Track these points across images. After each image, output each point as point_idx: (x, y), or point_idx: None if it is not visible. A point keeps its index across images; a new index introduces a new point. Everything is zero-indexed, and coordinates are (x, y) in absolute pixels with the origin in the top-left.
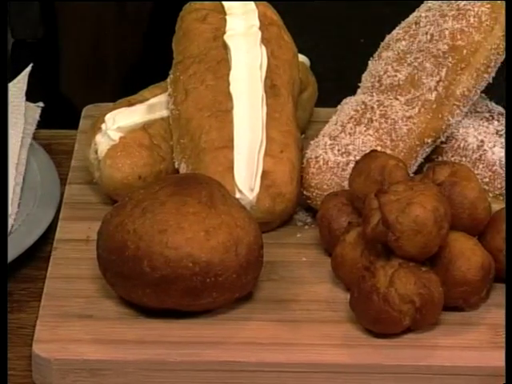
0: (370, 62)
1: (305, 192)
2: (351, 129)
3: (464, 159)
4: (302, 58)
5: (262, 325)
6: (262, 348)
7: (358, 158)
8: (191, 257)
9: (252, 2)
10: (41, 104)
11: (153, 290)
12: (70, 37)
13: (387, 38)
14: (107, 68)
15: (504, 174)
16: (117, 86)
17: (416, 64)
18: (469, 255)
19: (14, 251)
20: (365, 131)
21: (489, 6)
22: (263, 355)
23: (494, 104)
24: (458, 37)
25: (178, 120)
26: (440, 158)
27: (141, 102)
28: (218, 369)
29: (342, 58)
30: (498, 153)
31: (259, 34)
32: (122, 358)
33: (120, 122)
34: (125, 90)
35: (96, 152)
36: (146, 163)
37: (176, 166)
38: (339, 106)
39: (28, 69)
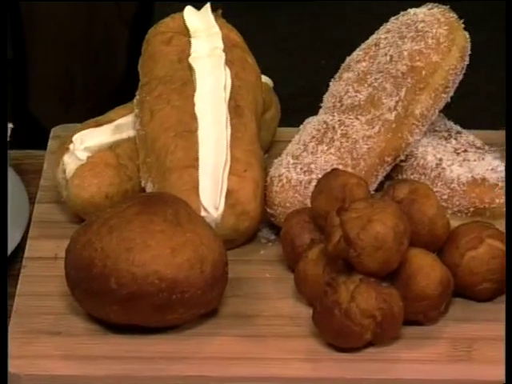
0: (331, 83)
1: (268, 210)
2: (313, 148)
3: (423, 177)
4: (265, 79)
5: (227, 340)
6: (227, 362)
7: (319, 176)
8: (157, 274)
9: (216, 25)
10: (10, 125)
11: (120, 307)
12: (38, 58)
13: (348, 59)
14: (75, 90)
15: (461, 192)
16: (84, 108)
17: (376, 84)
18: (428, 271)
19: None
20: (326, 150)
21: (446, 28)
22: (228, 370)
23: (452, 123)
24: (417, 58)
25: (145, 140)
26: (400, 176)
27: (108, 122)
28: (185, 383)
29: (304, 79)
30: (456, 171)
31: (223, 56)
32: (91, 373)
33: (87, 142)
34: (92, 111)
35: (64, 172)
36: (113, 182)
37: (142, 185)
38: (301, 126)
39: None
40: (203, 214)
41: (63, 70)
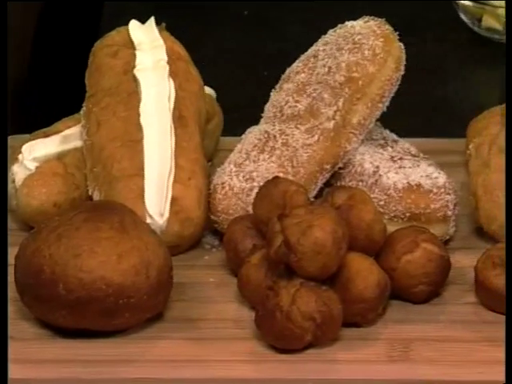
0: (272, 94)
1: (212, 216)
2: (255, 156)
3: (360, 184)
4: (208, 90)
5: (172, 343)
6: (173, 365)
7: (261, 183)
8: (104, 279)
9: (160, 38)
10: None
11: (68, 312)
12: None
13: (288, 70)
14: (24, 101)
15: (397, 198)
16: (33, 119)
17: (315, 95)
18: (366, 274)
19: None
20: (268, 158)
21: (382, 39)
22: (174, 372)
23: (388, 131)
24: (354, 69)
25: (91, 150)
26: (338, 183)
27: (56, 133)
28: None
29: (247, 90)
30: (393, 177)
31: (167, 67)
32: (40, 376)
33: (36, 152)
34: (40, 122)
35: (13, 181)
36: (61, 191)
37: (90, 194)
38: (244, 135)
39: None
40: (149, 221)
41: (12, 82)
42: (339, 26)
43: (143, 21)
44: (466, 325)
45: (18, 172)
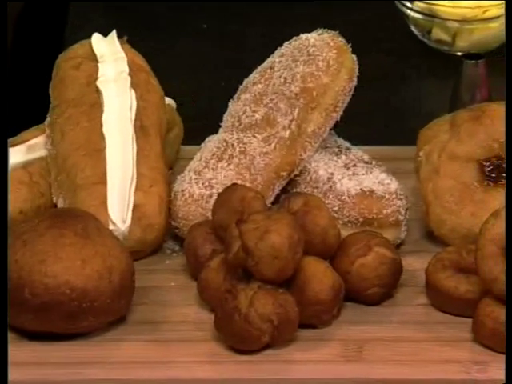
0: (230, 104)
1: (173, 222)
2: (214, 164)
3: (315, 190)
4: (168, 100)
5: (135, 345)
6: (135, 366)
7: (220, 190)
8: (68, 284)
9: (122, 51)
10: None
11: (34, 316)
12: None
13: (245, 81)
14: None
15: (351, 203)
16: None
17: (271, 105)
18: (321, 277)
19: None
20: (226, 166)
21: (335, 51)
22: (136, 373)
23: (342, 140)
24: (309, 80)
25: (56, 159)
26: (294, 190)
27: (21, 143)
28: None
29: (206, 100)
30: (346, 184)
31: (128, 79)
32: (12, 378)
33: None
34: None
35: None
36: (27, 199)
37: (54, 201)
38: (203, 144)
39: None
40: (111, 227)
41: None
42: (294, 38)
43: (105, 34)
44: (418, 325)
45: None
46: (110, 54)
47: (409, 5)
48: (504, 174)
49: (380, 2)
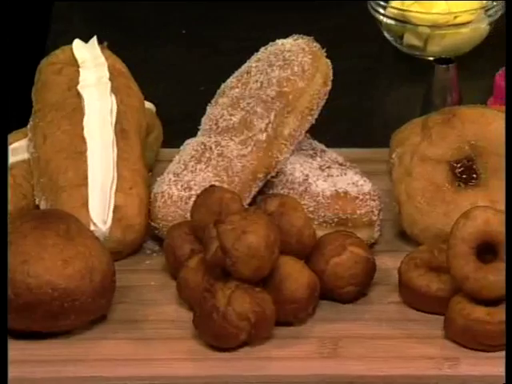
0: (208, 108)
1: (152, 223)
2: (192, 167)
3: (291, 191)
4: (148, 104)
5: (115, 343)
6: (116, 363)
7: (198, 192)
8: (50, 284)
9: (102, 56)
10: None
11: (17, 315)
12: None
13: (223, 86)
14: None
15: (326, 204)
16: None
17: (248, 108)
18: (297, 276)
19: None
20: (204, 168)
21: (310, 56)
22: (116, 370)
23: (317, 142)
24: (285, 84)
25: (38, 162)
26: (271, 191)
27: None
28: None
29: (184, 104)
30: (321, 185)
31: (109, 84)
32: None
33: None
34: None
35: None
36: (10, 201)
37: (37, 203)
38: (182, 147)
39: None
40: (92, 228)
41: None
42: (270, 43)
43: (86, 40)
44: (391, 323)
45: None
46: (90, 59)
47: (382, 11)
48: (474, 175)
49: (354, 9)
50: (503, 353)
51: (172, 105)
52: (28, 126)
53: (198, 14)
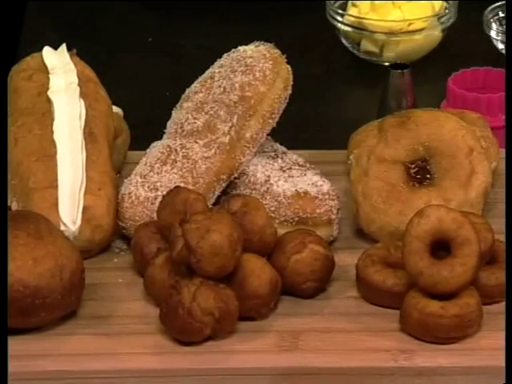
0: (173, 112)
1: (120, 223)
2: (158, 168)
3: (254, 192)
4: (116, 109)
5: (84, 338)
6: (84, 358)
7: (164, 193)
8: (22, 282)
9: (71, 63)
10: None
11: None
12: None
13: (187, 91)
14: None
15: (287, 204)
16: None
17: (212, 112)
18: (259, 273)
19: None
20: (170, 170)
21: (271, 62)
22: (85, 364)
23: (278, 144)
24: (247, 89)
25: (10, 164)
26: (234, 191)
27: None
28: (48, 377)
29: (151, 109)
30: (282, 186)
31: (78, 89)
32: None
33: None
34: None
35: None
36: None
37: (9, 204)
38: (148, 150)
39: None
40: (62, 228)
41: None
42: (233, 50)
43: (56, 47)
44: (349, 317)
45: None
46: (60, 65)
47: (340, 19)
48: (428, 176)
49: (313, 17)
50: (457, 345)
51: (139, 109)
52: None
53: (163, 23)
